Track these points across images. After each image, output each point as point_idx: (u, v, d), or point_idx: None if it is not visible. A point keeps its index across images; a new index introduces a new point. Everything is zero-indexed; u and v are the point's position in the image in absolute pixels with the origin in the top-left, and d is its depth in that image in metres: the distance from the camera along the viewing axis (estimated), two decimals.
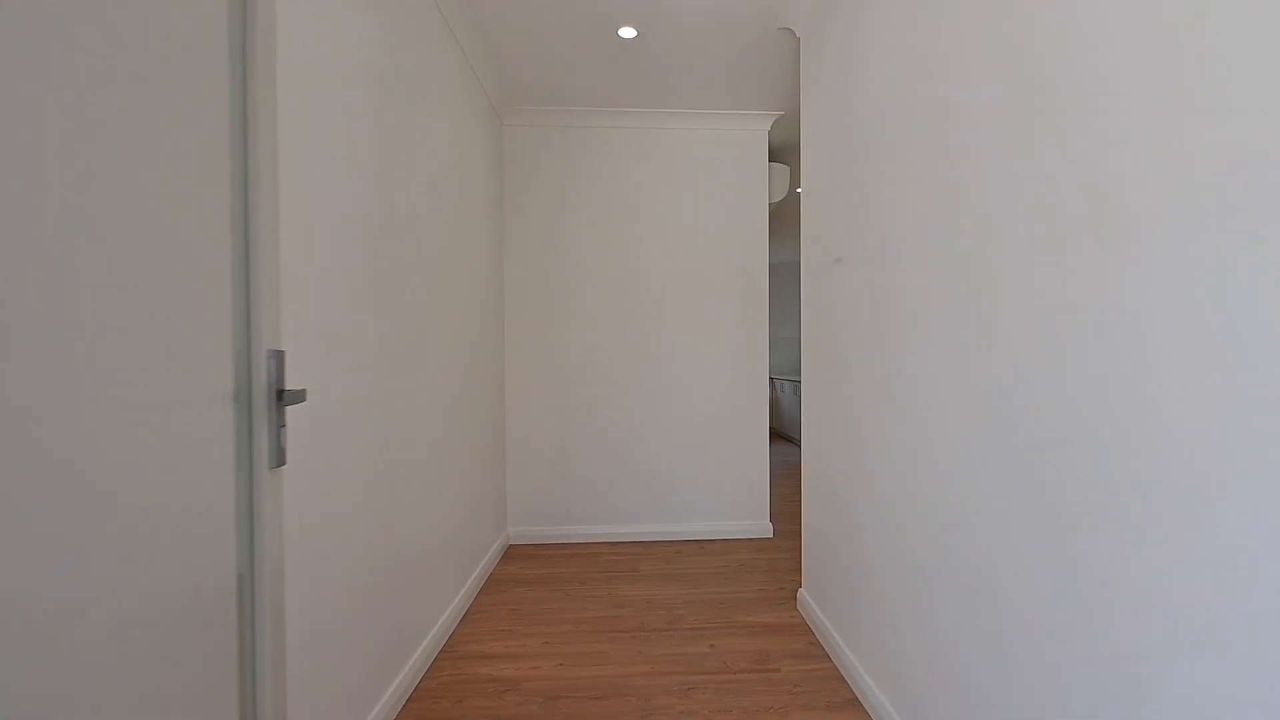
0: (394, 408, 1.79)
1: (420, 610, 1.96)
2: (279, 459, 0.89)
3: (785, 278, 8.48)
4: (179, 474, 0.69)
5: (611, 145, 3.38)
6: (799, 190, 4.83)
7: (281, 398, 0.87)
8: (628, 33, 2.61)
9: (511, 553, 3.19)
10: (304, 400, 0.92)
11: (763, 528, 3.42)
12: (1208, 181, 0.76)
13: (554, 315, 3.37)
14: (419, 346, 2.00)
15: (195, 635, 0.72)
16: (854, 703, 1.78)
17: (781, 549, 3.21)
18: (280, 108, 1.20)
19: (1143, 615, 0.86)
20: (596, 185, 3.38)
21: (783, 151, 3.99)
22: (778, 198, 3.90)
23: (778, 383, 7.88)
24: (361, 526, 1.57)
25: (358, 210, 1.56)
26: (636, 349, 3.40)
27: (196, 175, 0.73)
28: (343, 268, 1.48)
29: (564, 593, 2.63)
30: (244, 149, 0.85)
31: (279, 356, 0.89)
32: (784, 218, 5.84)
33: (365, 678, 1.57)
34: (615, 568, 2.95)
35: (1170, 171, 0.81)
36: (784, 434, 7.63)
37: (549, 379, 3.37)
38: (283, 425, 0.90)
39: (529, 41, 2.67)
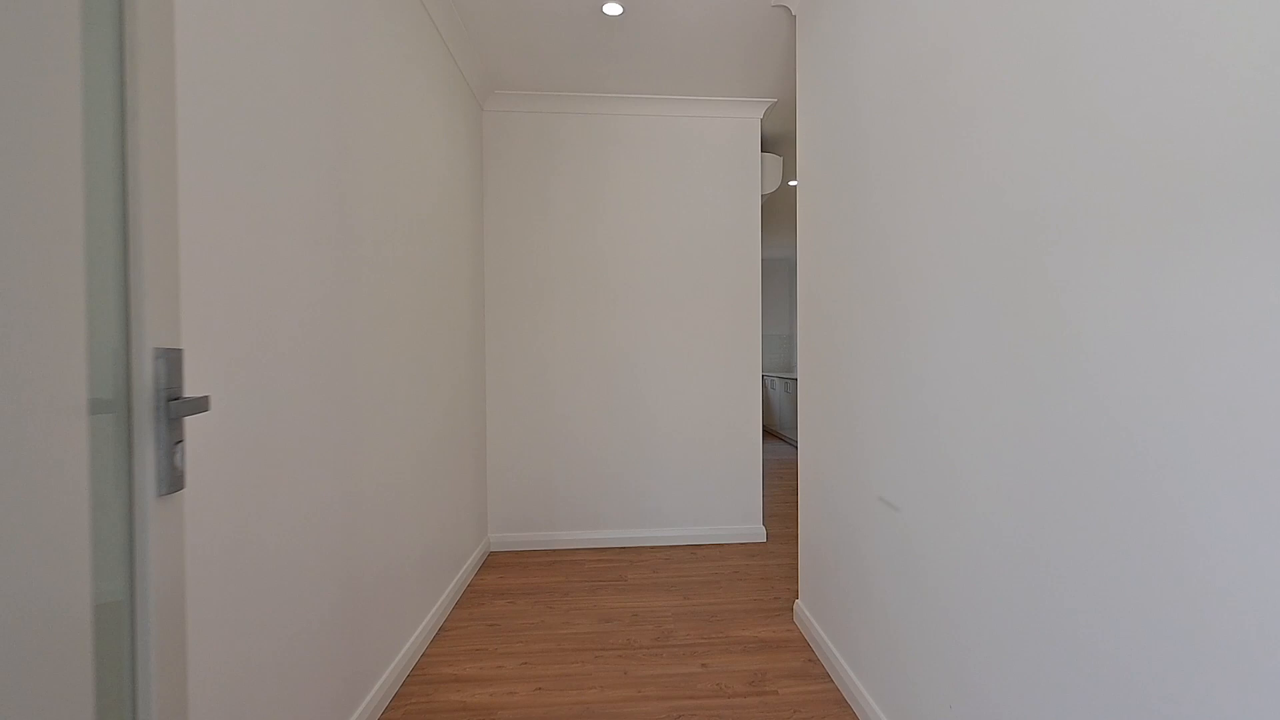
0: (357, 412, 1.61)
1: (388, 631, 1.79)
2: (173, 483, 0.71)
3: (775, 273, 8.35)
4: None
5: (597, 133, 3.21)
6: (792, 183, 4.68)
7: (169, 409, 0.69)
8: (613, 9, 2.43)
9: (492, 560, 3.01)
10: (206, 410, 0.75)
11: (756, 531, 3.27)
12: None
13: (538, 308, 3.19)
14: (386, 343, 1.82)
15: (24, 676, 0.55)
16: None
17: (775, 554, 3.06)
18: (210, 89, 1.02)
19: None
20: (582, 175, 3.20)
21: (776, 142, 3.84)
22: (770, 189, 3.74)
23: (768, 380, 7.76)
24: (319, 543, 1.39)
25: (313, 200, 1.38)
26: (625, 345, 3.23)
27: (30, 149, 0.55)
28: (296, 260, 1.30)
29: (546, 605, 2.46)
30: (121, 118, 0.68)
31: (170, 356, 0.71)
32: (775, 211, 5.70)
33: (319, 713, 1.39)
34: (601, 576, 2.78)
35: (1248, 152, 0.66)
36: (775, 431, 7.51)
37: (532, 376, 3.19)
38: (179, 441, 0.73)
39: (510, 19, 2.49)
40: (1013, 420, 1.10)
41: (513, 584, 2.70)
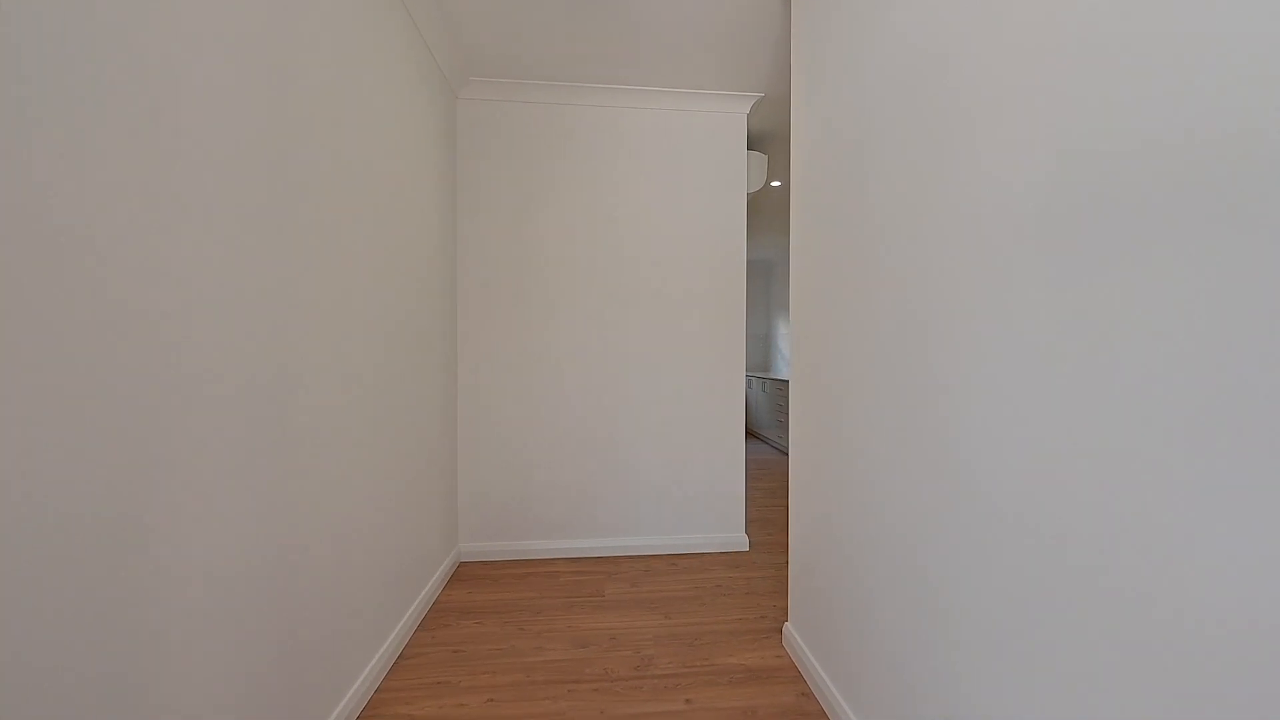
0: (295, 431, 1.25)
1: (334, 668, 1.44)
2: None
3: (755, 275, 8.08)
4: None
5: (577, 125, 2.86)
6: (774, 184, 4.38)
7: None
8: None
9: (462, 572, 2.66)
10: None
11: (738, 540, 2.97)
12: None
13: (512, 307, 2.84)
14: (337, 352, 1.46)
15: None
16: None
17: (759, 565, 2.76)
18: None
19: None
20: (560, 168, 2.86)
21: (761, 139, 3.53)
22: (754, 189, 3.44)
23: (747, 379, 7.49)
24: (246, 579, 1.04)
25: (235, 181, 1.03)
26: (603, 346, 2.90)
27: None
28: (209, 254, 0.95)
29: (517, 626, 2.13)
30: None
31: None
32: (754, 211, 5.40)
33: None
34: (577, 591, 2.45)
35: None
36: (753, 431, 7.24)
37: (506, 378, 2.84)
38: None
39: None
40: (1049, 433, 0.80)
41: (482, 600, 2.36)
